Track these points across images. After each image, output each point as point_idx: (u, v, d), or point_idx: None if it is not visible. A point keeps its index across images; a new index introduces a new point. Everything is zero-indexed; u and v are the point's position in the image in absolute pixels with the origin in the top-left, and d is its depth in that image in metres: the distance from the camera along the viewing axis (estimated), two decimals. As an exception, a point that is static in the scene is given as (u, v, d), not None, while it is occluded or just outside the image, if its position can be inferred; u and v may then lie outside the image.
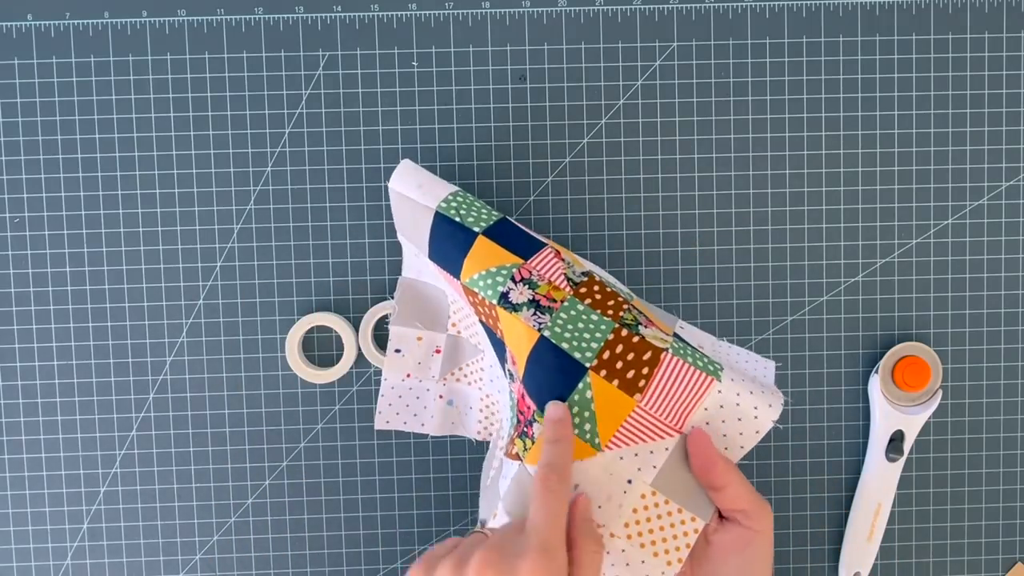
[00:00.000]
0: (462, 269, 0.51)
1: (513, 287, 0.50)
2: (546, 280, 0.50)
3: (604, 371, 0.48)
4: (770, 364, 0.54)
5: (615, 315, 0.50)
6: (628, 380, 0.48)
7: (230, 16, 0.59)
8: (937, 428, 0.61)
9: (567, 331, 0.49)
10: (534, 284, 0.50)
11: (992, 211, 0.60)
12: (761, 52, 0.59)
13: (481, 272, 0.51)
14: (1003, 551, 0.62)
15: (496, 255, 0.51)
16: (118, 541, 0.60)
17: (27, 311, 0.59)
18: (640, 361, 0.48)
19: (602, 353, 0.48)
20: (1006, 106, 0.60)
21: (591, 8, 0.59)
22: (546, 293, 0.50)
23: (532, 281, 0.50)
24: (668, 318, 0.56)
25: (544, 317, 0.49)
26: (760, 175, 0.60)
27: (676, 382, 0.48)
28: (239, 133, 0.59)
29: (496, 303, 0.50)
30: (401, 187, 0.53)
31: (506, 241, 0.52)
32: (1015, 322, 0.61)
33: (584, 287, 0.50)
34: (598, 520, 0.48)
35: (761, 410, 0.49)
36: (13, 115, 0.58)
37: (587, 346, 0.48)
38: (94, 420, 0.60)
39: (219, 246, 0.59)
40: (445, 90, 0.59)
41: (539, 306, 0.49)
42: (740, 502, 0.48)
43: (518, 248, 0.51)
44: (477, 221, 0.52)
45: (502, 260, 0.51)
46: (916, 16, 0.60)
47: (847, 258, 0.60)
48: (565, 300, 0.50)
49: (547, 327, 0.49)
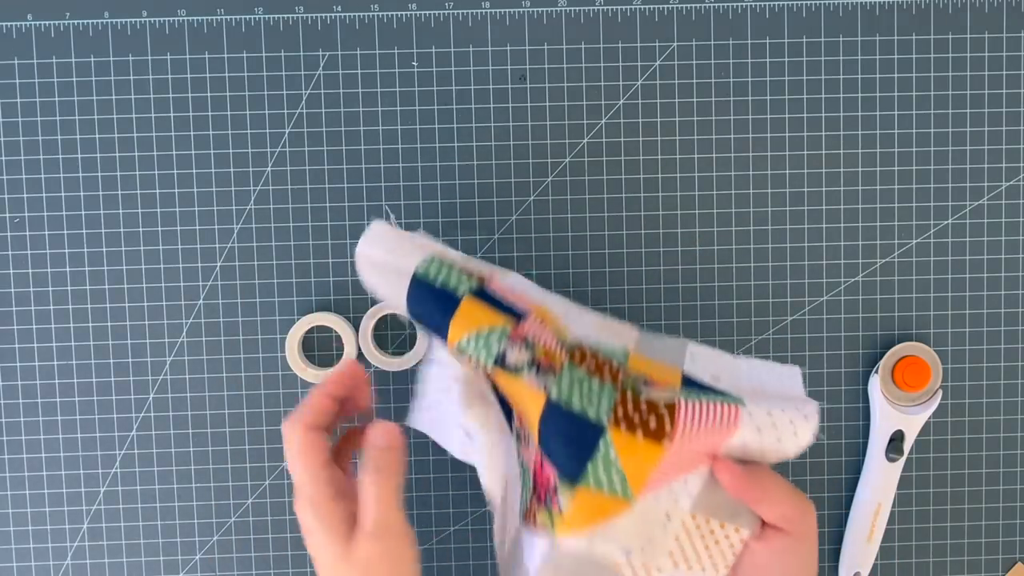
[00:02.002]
0: (448, 332, 0.48)
1: (509, 348, 0.47)
2: (541, 343, 0.47)
3: (624, 424, 0.45)
4: (795, 370, 0.51)
5: (614, 383, 0.47)
6: (652, 430, 0.45)
7: (230, 16, 0.59)
8: (937, 428, 0.61)
9: (574, 392, 0.46)
10: (531, 345, 0.47)
11: (992, 211, 0.60)
12: (761, 52, 0.59)
13: (472, 334, 0.47)
14: (1003, 551, 0.62)
15: (486, 316, 0.47)
16: (118, 541, 0.60)
17: (27, 311, 0.59)
18: (658, 411, 0.45)
19: (616, 409, 0.45)
20: (1006, 106, 0.60)
21: (591, 8, 0.59)
22: (544, 355, 0.47)
23: (528, 342, 0.47)
24: (675, 349, 0.52)
25: (547, 378, 0.46)
26: (760, 175, 0.60)
27: (703, 419, 0.45)
28: (239, 133, 0.59)
29: (494, 365, 0.47)
30: (372, 251, 0.50)
31: (493, 304, 0.48)
32: (1015, 322, 0.61)
33: (577, 356, 0.47)
34: (639, 562, 0.46)
35: (798, 424, 0.46)
36: (13, 115, 0.58)
37: (598, 403, 0.45)
38: (94, 420, 0.60)
39: (219, 246, 0.59)
40: (445, 90, 0.59)
41: (539, 367, 0.46)
42: (780, 507, 0.46)
43: (507, 311, 0.48)
44: (459, 285, 0.48)
45: (493, 321, 0.47)
46: (916, 16, 0.60)
47: (847, 258, 0.60)
48: (563, 364, 0.47)
49: (553, 388, 0.46)
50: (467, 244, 0.60)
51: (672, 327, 0.60)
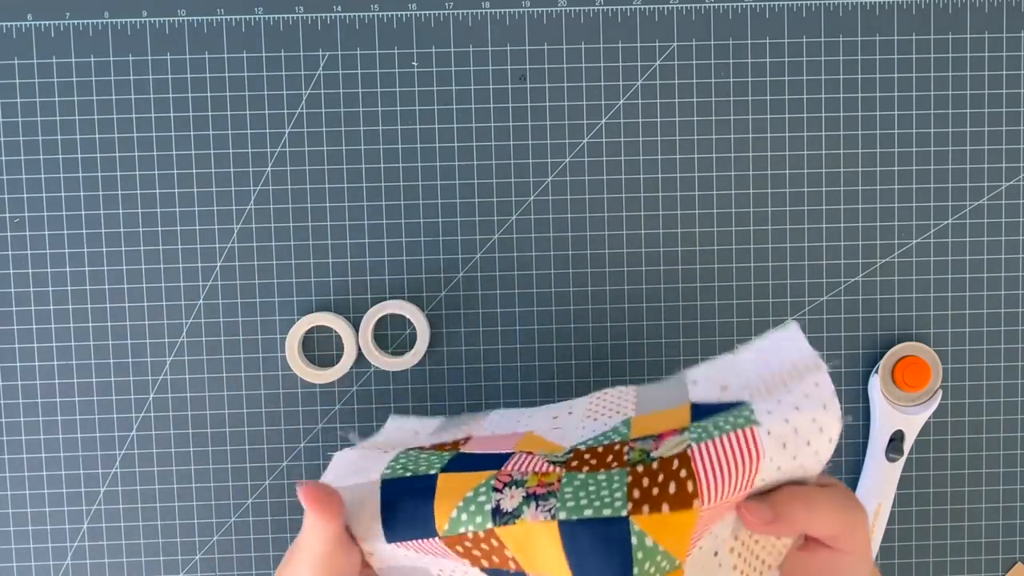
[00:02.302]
0: (435, 520, 0.42)
1: (500, 496, 0.42)
2: (530, 472, 0.42)
3: (646, 507, 0.39)
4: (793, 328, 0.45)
5: (620, 459, 0.42)
6: (676, 497, 0.40)
7: (230, 16, 0.59)
8: (937, 428, 0.61)
9: (581, 500, 0.40)
10: (521, 482, 0.42)
11: (992, 211, 0.60)
12: (761, 52, 0.59)
13: (458, 506, 0.42)
14: (1003, 551, 0.62)
15: (465, 482, 0.43)
16: (118, 541, 0.60)
17: (27, 311, 0.59)
18: (673, 474, 0.40)
19: (631, 492, 0.40)
20: (1006, 106, 0.60)
21: (591, 8, 0.59)
22: (537, 483, 0.42)
23: (517, 480, 0.42)
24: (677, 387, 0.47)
25: (550, 502, 0.41)
26: (760, 175, 0.60)
27: (722, 460, 0.40)
28: (239, 133, 0.59)
29: (492, 526, 0.41)
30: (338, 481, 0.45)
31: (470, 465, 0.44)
32: (1015, 322, 0.61)
33: (575, 460, 0.43)
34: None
35: (820, 418, 0.41)
36: (13, 115, 0.58)
37: (611, 499, 0.40)
38: (94, 420, 0.60)
39: (219, 246, 0.59)
40: (445, 90, 0.59)
41: (537, 497, 0.41)
42: (823, 529, 0.41)
43: (486, 465, 0.43)
44: (430, 467, 0.44)
45: (474, 482, 0.42)
46: (916, 16, 0.60)
47: (847, 258, 0.60)
48: (561, 478, 0.42)
49: (559, 509, 0.40)
50: (467, 244, 0.60)
51: (672, 327, 0.60)
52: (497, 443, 0.46)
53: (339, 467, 0.46)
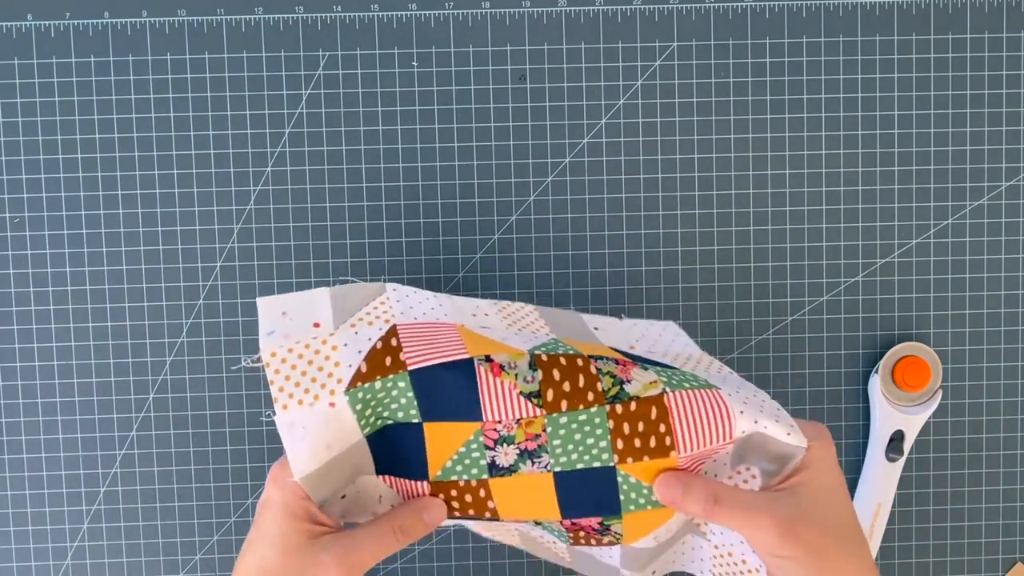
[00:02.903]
0: (428, 467, 0.46)
1: (495, 453, 0.45)
2: (513, 422, 0.45)
3: (630, 457, 0.45)
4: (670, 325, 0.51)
5: (594, 388, 0.45)
6: (656, 450, 0.45)
7: (230, 16, 0.59)
8: (937, 428, 0.61)
9: (570, 452, 0.45)
10: (510, 438, 0.45)
11: (992, 211, 0.60)
12: (761, 52, 0.59)
13: (452, 458, 0.46)
14: (1003, 551, 0.62)
15: (454, 433, 0.45)
16: (118, 541, 0.60)
17: (27, 311, 0.59)
18: (653, 425, 0.44)
19: (615, 443, 0.45)
20: (1006, 106, 0.60)
21: (591, 8, 0.59)
22: (525, 436, 0.45)
23: (505, 436, 0.45)
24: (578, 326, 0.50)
25: (543, 458, 0.45)
26: (760, 175, 0.60)
27: (697, 415, 0.45)
28: (239, 133, 0.59)
29: (487, 478, 0.46)
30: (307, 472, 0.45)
31: (450, 412, 0.45)
32: (1015, 322, 0.61)
33: (545, 385, 0.45)
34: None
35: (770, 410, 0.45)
36: (13, 115, 0.58)
37: (597, 450, 0.45)
38: (94, 420, 0.60)
39: (219, 246, 0.59)
40: (445, 90, 0.59)
41: (531, 453, 0.45)
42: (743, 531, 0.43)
43: (464, 411, 0.45)
44: (407, 415, 0.45)
45: (463, 435, 0.45)
46: (916, 16, 0.60)
47: (847, 258, 0.60)
48: (545, 426, 0.45)
49: (553, 465, 0.45)
50: (467, 244, 0.60)
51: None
52: (436, 339, 0.46)
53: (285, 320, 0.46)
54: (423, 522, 0.46)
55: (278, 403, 0.44)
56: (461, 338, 0.46)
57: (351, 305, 0.47)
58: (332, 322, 0.46)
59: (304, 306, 0.47)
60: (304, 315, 0.46)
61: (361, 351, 0.45)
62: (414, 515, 0.46)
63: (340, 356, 0.45)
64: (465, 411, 0.45)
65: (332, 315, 0.47)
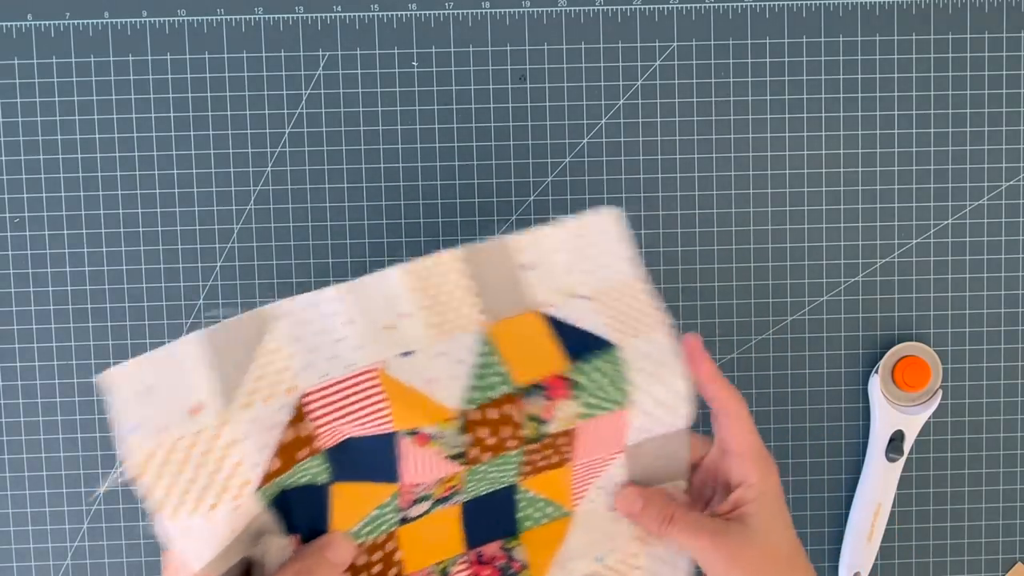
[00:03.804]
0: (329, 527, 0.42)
1: (408, 510, 0.43)
2: (434, 483, 0.42)
3: (531, 471, 0.45)
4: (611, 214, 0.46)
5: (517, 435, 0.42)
6: (555, 463, 0.45)
7: (230, 16, 0.59)
8: (937, 428, 0.61)
9: (481, 484, 0.44)
10: (426, 496, 0.42)
11: (992, 211, 0.60)
12: (761, 52, 0.59)
13: (363, 521, 0.42)
14: (1003, 551, 0.62)
15: (365, 497, 0.41)
16: (118, 541, 0.60)
17: (27, 311, 0.59)
18: (557, 448, 0.44)
19: (522, 469, 0.44)
20: (1006, 106, 0.60)
21: (591, 8, 0.59)
22: (444, 489, 0.43)
23: (422, 496, 0.42)
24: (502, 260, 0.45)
25: (455, 498, 0.44)
26: (760, 175, 0.60)
27: (598, 437, 0.45)
28: (239, 133, 0.59)
29: (398, 527, 0.43)
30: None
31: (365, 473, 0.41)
32: (1015, 322, 0.61)
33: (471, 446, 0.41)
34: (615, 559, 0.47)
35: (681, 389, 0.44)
36: (13, 115, 0.58)
37: (505, 476, 0.44)
38: (94, 420, 0.60)
39: (219, 246, 0.59)
40: (445, 90, 0.59)
41: (445, 499, 0.44)
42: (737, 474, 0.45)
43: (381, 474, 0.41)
44: (315, 478, 0.40)
45: (376, 499, 0.41)
46: (916, 16, 0.60)
47: (847, 258, 0.60)
48: (465, 478, 0.43)
49: (462, 499, 0.44)
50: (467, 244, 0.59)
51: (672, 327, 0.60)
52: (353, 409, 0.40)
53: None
54: (327, 561, 0.41)
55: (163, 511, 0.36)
56: (383, 396, 0.39)
57: (235, 362, 0.38)
58: (218, 400, 0.37)
59: (173, 375, 0.37)
60: (177, 391, 0.37)
61: (267, 446, 0.37)
62: (315, 554, 0.41)
63: (241, 454, 0.37)
64: (382, 473, 0.41)
65: (214, 387, 0.37)
